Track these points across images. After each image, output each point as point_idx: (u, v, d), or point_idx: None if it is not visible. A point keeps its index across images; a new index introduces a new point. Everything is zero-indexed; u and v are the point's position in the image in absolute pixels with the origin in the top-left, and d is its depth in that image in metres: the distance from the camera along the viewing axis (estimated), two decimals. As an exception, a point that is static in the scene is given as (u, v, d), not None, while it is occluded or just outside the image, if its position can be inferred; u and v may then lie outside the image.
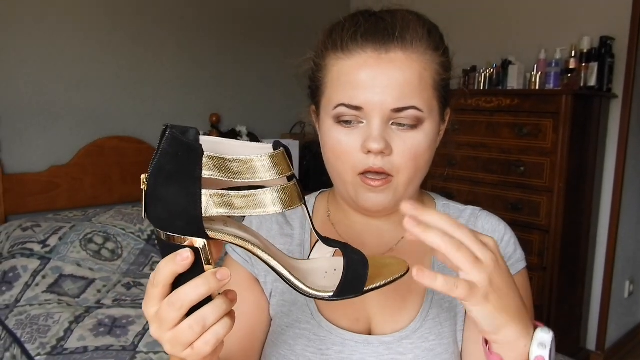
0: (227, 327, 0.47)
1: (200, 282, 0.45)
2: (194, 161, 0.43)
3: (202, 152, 0.43)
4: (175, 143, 0.43)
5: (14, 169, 2.23)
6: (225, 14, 2.92)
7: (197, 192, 0.43)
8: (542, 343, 0.53)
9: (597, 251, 2.74)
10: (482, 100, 2.55)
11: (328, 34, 0.69)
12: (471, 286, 0.49)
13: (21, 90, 2.24)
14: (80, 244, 2.01)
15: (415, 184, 0.69)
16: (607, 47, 2.50)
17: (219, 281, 0.46)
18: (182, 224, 0.44)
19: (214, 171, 0.43)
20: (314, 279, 0.51)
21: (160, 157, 0.43)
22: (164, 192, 0.44)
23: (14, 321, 1.67)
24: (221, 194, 0.44)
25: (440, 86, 0.68)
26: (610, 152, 2.64)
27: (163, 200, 0.44)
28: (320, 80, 0.70)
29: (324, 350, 0.70)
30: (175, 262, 0.45)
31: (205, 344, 0.46)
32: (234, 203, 0.44)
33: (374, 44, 0.64)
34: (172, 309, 0.45)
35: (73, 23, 2.36)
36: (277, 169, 0.44)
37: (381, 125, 0.64)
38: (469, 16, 3.05)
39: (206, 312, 0.46)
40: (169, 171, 0.43)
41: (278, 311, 0.75)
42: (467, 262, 0.49)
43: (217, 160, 0.43)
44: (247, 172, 0.44)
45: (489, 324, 0.51)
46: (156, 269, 0.47)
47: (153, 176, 0.44)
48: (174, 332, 0.46)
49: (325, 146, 0.69)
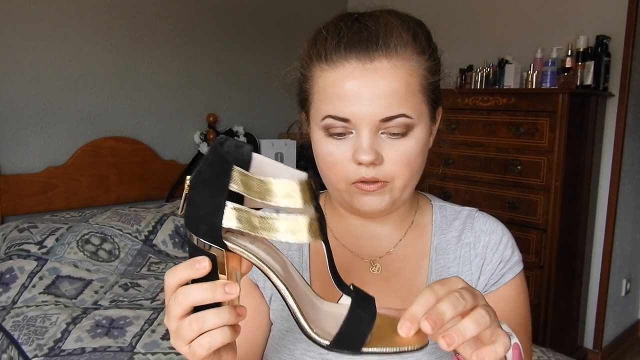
0: (226, 336, 0.46)
1: (206, 287, 0.46)
2: (225, 173, 0.44)
3: (231, 165, 0.44)
4: (214, 152, 0.45)
5: (10, 170, 2.22)
6: (222, 14, 2.91)
7: (222, 202, 0.45)
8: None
9: (594, 250, 2.74)
10: (478, 100, 2.56)
11: (312, 44, 0.68)
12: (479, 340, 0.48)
13: (17, 91, 2.23)
14: (77, 244, 2.00)
15: (411, 187, 0.69)
16: (603, 45, 2.51)
17: (225, 293, 0.46)
18: (204, 230, 0.46)
19: (239, 186, 0.44)
20: (327, 323, 0.49)
21: (203, 163, 0.46)
22: (197, 196, 0.46)
23: (11, 323, 1.67)
24: (243, 210, 0.45)
25: (429, 89, 0.67)
26: (607, 150, 2.64)
27: (194, 204, 0.46)
28: (307, 91, 0.69)
29: (324, 355, 0.70)
30: (193, 268, 0.47)
31: (199, 346, 0.46)
32: (253, 222, 0.45)
33: (358, 54, 0.63)
34: (175, 302, 0.47)
35: (69, 23, 2.35)
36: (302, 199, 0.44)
37: (370, 136, 0.63)
38: (465, 15, 3.06)
39: (207, 314, 0.46)
40: (205, 177, 0.46)
41: (278, 316, 0.75)
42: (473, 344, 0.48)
43: (245, 177, 0.44)
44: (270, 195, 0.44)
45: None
46: (174, 268, 0.48)
47: (193, 178, 0.47)
48: (177, 325, 0.47)
49: (317, 156, 0.69)
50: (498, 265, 0.74)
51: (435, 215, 0.79)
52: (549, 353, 1.70)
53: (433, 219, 0.78)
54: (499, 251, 0.75)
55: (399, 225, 0.77)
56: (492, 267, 0.74)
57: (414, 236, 0.77)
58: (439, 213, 0.79)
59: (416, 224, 0.78)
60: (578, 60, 2.52)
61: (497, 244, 0.75)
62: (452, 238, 0.76)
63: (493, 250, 0.75)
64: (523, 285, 0.76)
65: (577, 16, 2.65)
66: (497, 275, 0.74)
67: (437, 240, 0.76)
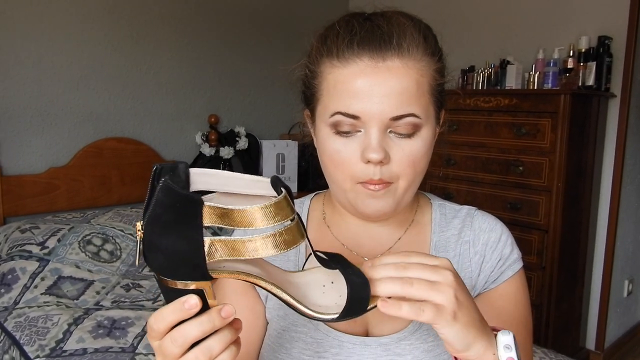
0: (232, 355, 0.47)
1: (204, 320, 0.46)
2: (194, 212, 0.42)
3: (202, 203, 0.42)
4: (171, 194, 0.42)
5: (12, 171, 2.23)
6: (224, 15, 2.92)
7: (199, 239, 0.43)
8: (507, 345, 0.55)
9: (596, 250, 2.74)
10: (480, 100, 2.55)
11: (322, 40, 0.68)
12: (438, 308, 0.50)
13: (19, 92, 2.24)
14: (79, 245, 2.01)
15: (414, 188, 0.69)
16: (605, 46, 2.50)
17: (223, 319, 0.46)
18: (187, 271, 0.44)
19: (215, 220, 0.43)
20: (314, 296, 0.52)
21: (156, 207, 0.43)
22: (164, 241, 0.43)
23: (13, 323, 1.67)
24: (224, 241, 0.44)
25: (437, 91, 0.68)
26: (609, 151, 2.64)
27: (163, 249, 0.44)
28: (315, 88, 0.69)
29: (321, 353, 0.70)
30: (183, 310, 0.45)
31: None
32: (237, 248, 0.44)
33: (371, 52, 0.63)
34: (175, 345, 0.46)
35: (71, 24, 2.36)
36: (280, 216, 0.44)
37: (379, 134, 0.63)
38: (467, 16, 3.05)
39: (212, 344, 0.46)
40: (167, 221, 0.43)
41: (274, 315, 0.74)
42: (425, 290, 0.50)
43: (218, 210, 0.43)
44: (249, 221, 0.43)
45: (460, 342, 0.52)
46: (159, 313, 0.46)
47: (149, 225, 0.44)
48: None
49: (323, 154, 0.69)
50: (497, 262, 0.75)
51: (434, 213, 0.79)
52: (550, 354, 1.69)
53: (432, 217, 0.78)
54: (498, 249, 0.75)
55: (399, 224, 0.77)
56: (492, 264, 0.75)
57: (414, 234, 0.77)
58: (439, 211, 0.79)
59: (416, 223, 0.78)
60: (580, 61, 2.51)
61: (497, 242, 0.75)
62: (452, 236, 0.77)
63: (492, 248, 0.75)
64: (523, 283, 0.76)
65: (578, 17, 2.65)
66: (496, 272, 0.74)
67: (437, 238, 0.77)
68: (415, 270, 0.52)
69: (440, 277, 0.52)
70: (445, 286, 0.51)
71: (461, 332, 0.51)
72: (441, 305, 0.50)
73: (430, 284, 0.51)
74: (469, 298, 0.54)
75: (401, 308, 0.50)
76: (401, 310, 0.50)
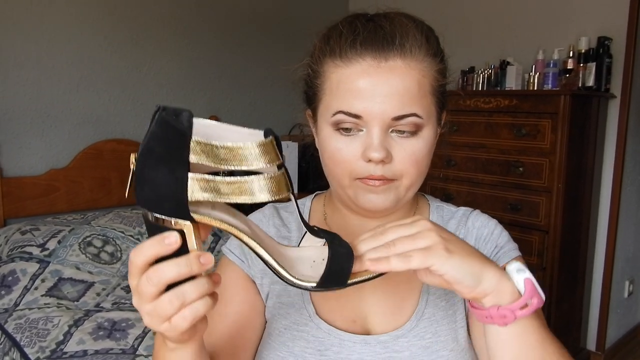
0: (207, 305, 0.46)
1: (182, 262, 0.45)
2: (182, 145, 0.43)
3: (189, 138, 0.43)
4: (165, 126, 0.43)
5: (12, 173, 2.23)
6: (224, 16, 2.92)
7: (184, 176, 0.44)
8: (519, 269, 0.55)
9: (596, 251, 2.74)
10: (480, 101, 2.56)
11: (325, 40, 0.68)
12: (426, 249, 0.50)
13: (19, 94, 2.24)
14: (79, 247, 2.01)
15: (416, 187, 0.70)
16: (604, 47, 2.50)
17: (201, 265, 0.45)
18: (170, 206, 0.45)
19: (201, 156, 0.43)
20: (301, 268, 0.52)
21: (150, 139, 0.44)
22: (153, 174, 0.44)
23: (13, 325, 1.67)
24: (207, 179, 0.44)
25: (438, 92, 0.68)
26: (609, 152, 2.64)
27: (151, 182, 0.44)
28: (317, 87, 0.69)
29: (323, 351, 0.71)
30: (162, 245, 0.45)
31: (182, 320, 0.46)
32: (220, 189, 0.44)
33: (373, 52, 0.64)
34: (150, 283, 0.45)
35: (70, 26, 2.36)
36: (265, 158, 0.44)
37: (381, 133, 0.64)
38: (467, 17, 3.06)
39: (187, 289, 0.45)
40: (158, 153, 0.44)
41: (275, 313, 0.75)
42: (407, 243, 0.51)
43: (204, 145, 0.43)
44: (234, 159, 0.44)
45: (467, 275, 0.52)
46: (140, 247, 0.46)
47: (142, 157, 0.44)
48: (153, 304, 0.46)
49: (324, 153, 0.69)
50: (492, 251, 0.75)
51: (432, 215, 0.80)
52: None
53: (430, 218, 0.79)
54: (491, 241, 0.76)
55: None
56: (487, 254, 0.75)
57: None
58: (436, 213, 0.80)
59: None
60: (580, 62, 2.51)
61: (489, 235, 0.76)
62: None
63: (485, 241, 0.76)
64: None
65: (578, 17, 2.65)
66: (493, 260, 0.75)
67: None
68: (393, 232, 0.53)
69: (417, 228, 0.53)
70: (426, 232, 0.52)
71: (463, 263, 0.51)
72: (428, 246, 0.51)
73: (410, 237, 0.52)
74: (457, 237, 0.55)
75: (390, 262, 0.50)
76: (390, 263, 0.50)
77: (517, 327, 0.54)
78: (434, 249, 0.50)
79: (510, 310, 0.53)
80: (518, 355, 0.55)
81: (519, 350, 0.55)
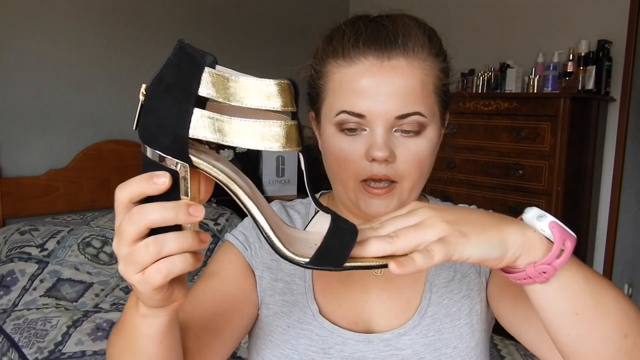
0: (186, 263, 0.42)
1: (168, 206, 0.41)
2: (194, 75, 0.40)
3: (202, 66, 0.40)
4: (181, 53, 0.40)
5: (12, 173, 2.23)
6: (224, 18, 2.92)
7: (189, 109, 0.40)
8: (539, 216, 0.50)
9: (595, 254, 2.74)
10: (480, 104, 2.56)
11: (328, 41, 0.69)
12: (442, 240, 0.46)
13: (19, 94, 2.24)
14: (78, 247, 2.00)
15: (418, 189, 0.69)
16: (604, 50, 2.51)
17: (188, 215, 0.41)
18: (167, 142, 0.41)
19: (211, 90, 0.40)
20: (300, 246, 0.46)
21: (164, 67, 0.41)
22: (158, 104, 0.41)
23: (12, 325, 1.67)
24: (214, 117, 0.40)
25: (441, 91, 0.68)
26: (608, 155, 2.64)
27: (155, 113, 0.41)
28: (320, 87, 0.69)
29: (327, 350, 0.71)
30: (150, 183, 0.42)
31: (156, 272, 0.41)
32: (225, 129, 0.40)
33: (376, 51, 0.64)
34: (131, 222, 0.41)
35: (71, 26, 2.36)
36: (280, 99, 0.40)
37: (385, 133, 0.64)
38: (467, 20, 3.06)
39: (167, 237, 0.41)
40: (168, 82, 0.40)
41: (277, 311, 0.74)
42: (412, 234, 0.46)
43: (216, 77, 0.40)
44: (246, 95, 0.40)
45: (491, 251, 0.47)
46: (126, 182, 0.43)
47: (152, 85, 0.41)
48: (130, 249, 0.42)
49: (328, 153, 0.69)
50: None
51: None
52: (550, 358, 1.69)
53: None
54: None
55: None
56: None
57: None
58: None
59: None
60: (579, 65, 2.52)
61: None
62: None
63: None
64: None
65: (578, 21, 2.66)
66: None
67: None
68: (391, 224, 0.48)
69: (417, 217, 0.48)
70: (429, 220, 0.47)
71: (481, 241, 0.47)
72: (442, 237, 0.46)
73: (414, 227, 0.47)
74: (460, 210, 0.50)
75: (415, 261, 0.44)
76: (415, 262, 0.44)
77: (561, 279, 0.49)
78: (449, 239, 0.46)
79: (546, 263, 0.48)
80: (572, 309, 0.50)
81: (572, 304, 0.50)
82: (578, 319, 0.50)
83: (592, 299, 0.50)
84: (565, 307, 0.50)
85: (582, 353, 0.51)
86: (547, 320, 0.52)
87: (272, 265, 0.76)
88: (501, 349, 1.66)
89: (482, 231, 0.47)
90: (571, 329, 0.50)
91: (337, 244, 0.45)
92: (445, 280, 0.75)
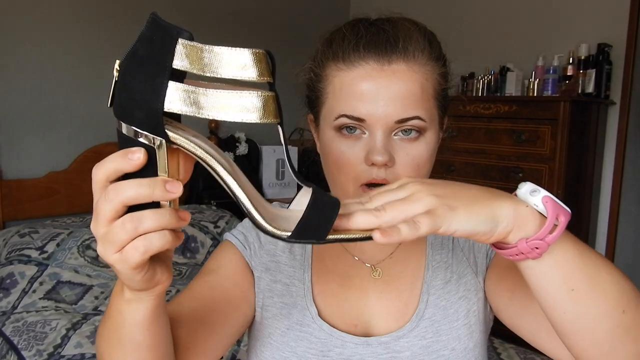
0: (164, 240, 0.41)
1: (144, 182, 0.40)
2: (167, 47, 0.39)
3: (177, 38, 0.39)
4: (154, 26, 0.40)
5: (12, 175, 2.23)
6: (224, 20, 2.93)
7: (163, 82, 0.39)
8: (532, 190, 0.49)
9: (595, 258, 2.73)
10: (480, 107, 2.56)
11: (328, 44, 0.68)
12: (430, 213, 0.45)
13: (20, 97, 2.24)
14: (77, 250, 2.00)
15: None
16: (604, 54, 2.51)
17: (165, 191, 0.40)
18: (142, 116, 0.40)
19: (185, 61, 0.39)
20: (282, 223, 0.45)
21: (137, 42, 0.40)
22: (132, 79, 0.40)
23: (11, 328, 1.66)
24: (189, 90, 0.39)
25: (441, 96, 0.68)
26: (608, 158, 2.64)
27: (128, 88, 0.40)
28: (320, 91, 0.69)
29: (326, 352, 0.71)
30: (125, 159, 0.41)
31: (134, 250, 0.40)
32: (201, 101, 0.39)
33: (376, 55, 0.64)
34: (107, 199, 0.40)
35: (71, 29, 2.37)
36: (256, 69, 0.39)
37: (384, 137, 0.64)
38: (467, 23, 3.06)
39: (145, 215, 0.40)
40: (141, 57, 0.40)
41: (276, 313, 0.74)
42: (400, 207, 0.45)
43: (190, 48, 0.39)
44: (220, 65, 0.39)
45: (480, 225, 0.46)
46: (102, 161, 0.42)
47: (126, 60, 0.40)
48: (107, 228, 0.41)
49: (327, 157, 0.69)
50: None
51: None
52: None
53: None
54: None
55: None
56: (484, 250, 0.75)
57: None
58: None
59: None
60: (579, 68, 2.52)
61: None
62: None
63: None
64: None
65: (578, 24, 2.66)
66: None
67: (432, 237, 0.78)
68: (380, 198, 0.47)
69: (405, 191, 0.47)
70: (417, 194, 0.46)
71: (470, 214, 0.46)
72: (429, 210, 0.45)
73: (401, 200, 0.46)
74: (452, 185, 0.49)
75: (400, 231, 0.43)
76: (401, 232, 0.43)
77: (554, 254, 0.48)
78: (437, 211, 0.45)
79: (539, 239, 0.47)
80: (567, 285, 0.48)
81: (567, 280, 0.48)
82: (574, 295, 0.49)
83: (588, 274, 0.49)
84: (560, 283, 0.49)
85: (580, 331, 0.50)
86: (542, 299, 0.51)
87: (272, 267, 0.76)
88: (501, 352, 1.66)
89: (471, 205, 0.46)
90: (567, 306, 0.49)
91: (318, 216, 0.43)
92: (442, 282, 0.75)
